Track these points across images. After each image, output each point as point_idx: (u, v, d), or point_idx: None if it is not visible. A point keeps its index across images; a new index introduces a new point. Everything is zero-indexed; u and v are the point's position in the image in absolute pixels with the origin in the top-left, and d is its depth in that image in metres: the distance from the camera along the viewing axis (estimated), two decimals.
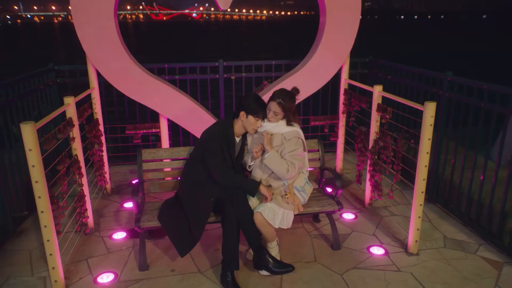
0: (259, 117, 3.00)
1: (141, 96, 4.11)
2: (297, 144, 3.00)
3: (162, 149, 3.40)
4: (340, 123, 4.70)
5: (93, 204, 4.06)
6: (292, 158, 2.96)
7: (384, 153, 3.65)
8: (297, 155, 2.98)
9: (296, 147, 2.99)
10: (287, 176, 2.95)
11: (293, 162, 2.95)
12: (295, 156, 2.97)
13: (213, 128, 3.06)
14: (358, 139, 4.17)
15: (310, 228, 3.72)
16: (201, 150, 3.02)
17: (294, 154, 2.98)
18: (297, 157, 2.98)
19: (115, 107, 5.11)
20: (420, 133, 3.01)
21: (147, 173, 3.39)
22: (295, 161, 2.96)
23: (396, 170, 3.49)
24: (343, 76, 4.55)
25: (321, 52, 4.28)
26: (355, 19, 4.15)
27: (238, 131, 3.08)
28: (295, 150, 2.98)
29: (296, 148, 2.99)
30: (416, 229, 3.20)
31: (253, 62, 5.23)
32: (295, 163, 2.96)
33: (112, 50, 3.86)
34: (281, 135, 3.03)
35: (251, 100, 3.00)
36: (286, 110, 2.97)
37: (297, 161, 2.97)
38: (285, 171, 2.93)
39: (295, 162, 2.96)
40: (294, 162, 2.96)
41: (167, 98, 4.16)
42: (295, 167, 2.96)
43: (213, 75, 5.15)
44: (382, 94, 3.70)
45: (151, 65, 4.91)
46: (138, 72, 4.01)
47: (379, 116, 3.76)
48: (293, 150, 2.98)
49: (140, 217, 3.08)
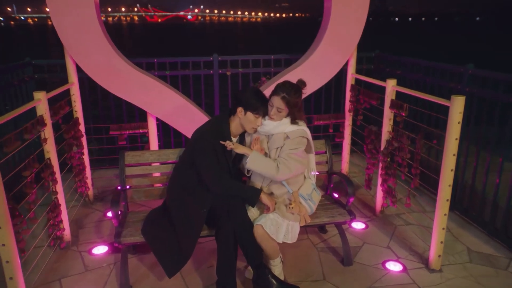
0: (260, 114, 2.59)
1: (126, 92, 3.68)
2: (299, 143, 2.59)
3: (148, 152, 2.97)
4: (346, 122, 4.30)
5: (71, 214, 3.63)
6: (288, 157, 2.55)
7: (399, 155, 3.24)
8: (295, 155, 2.56)
9: (297, 146, 2.58)
10: (279, 176, 2.52)
11: (286, 160, 2.54)
12: (292, 156, 2.55)
13: (206, 127, 2.64)
14: (368, 139, 3.77)
15: (316, 240, 3.30)
16: (191, 152, 2.60)
17: (292, 153, 2.56)
18: (294, 157, 2.56)
19: (100, 105, 4.67)
20: (446, 132, 2.61)
21: (130, 179, 2.96)
22: (291, 161, 2.54)
23: (414, 174, 3.08)
24: (350, 70, 4.15)
25: (326, 44, 3.87)
26: (364, 4, 3.74)
27: (235, 130, 2.67)
28: (295, 149, 2.57)
29: (297, 147, 2.57)
30: (440, 242, 2.79)
31: (250, 57, 4.81)
32: (289, 162, 2.54)
33: (93, 40, 3.43)
34: (284, 134, 2.61)
35: (250, 94, 2.58)
36: (291, 106, 2.56)
37: (293, 161, 2.54)
38: (273, 170, 2.51)
39: (291, 161, 2.54)
40: (288, 160, 2.54)
41: (155, 94, 3.73)
42: (289, 167, 2.53)
43: (207, 71, 4.74)
44: (396, 89, 3.30)
45: (139, 60, 4.49)
46: (123, 66, 3.58)
47: (392, 113, 3.36)
48: (291, 149, 2.57)
49: (121, 230, 2.64)
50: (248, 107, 2.57)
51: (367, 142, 3.79)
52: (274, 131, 2.60)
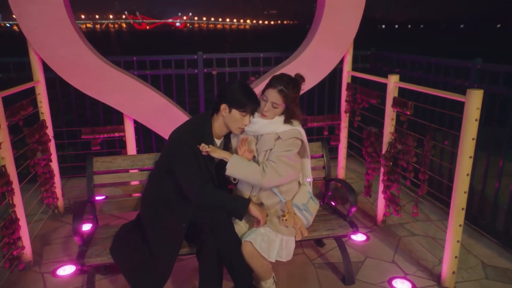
0: (247, 112, 2.23)
1: (99, 91, 3.29)
2: (291, 145, 2.24)
3: (121, 157, 2.58)
4: (342, 124, 3.97)
5: (35, 229, 3.21)
6: (277, 160, 2.19)
7: (404, 159, 2.91)
8: (286, 158, 2.21)
9: (289, 148, 2.22)
10: (265, 181, 2.16)
11: (275, 163, 2.17)
12: (283, 159, 2.19)
13: (185, 127, 2.27)
14: (367, 142, 3.43)
15: (312, 255, 2.94)
16: (168, 156, 2.23)
17: (283, 155, 2.20)
18: (284, 160, 2.20)
19: (73, 106, 4.27)
20: (460, 131, 2.29)
21: (99, 188, 2.57)
22: (280, 164, 2.18)
23: (422, 180, 2.75)
24: (346, 68, 3.83)
25: (319, 39, 3.54)
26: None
27: (219, 130, 2.31)
28: (286, 151, 2.21)
29: (288, 150, 2.22)
30: (454, 256, 2.46)
31: (238, 55, 4.47)
32: (278, 165, 2.17)
33: (60, 33, 3.05)
34: (275, 135, 2.26)
35: (236, 88, 2.23)
36: (289, 101, 2.21)
37: (283, 165, 2.18)
38: (258, 175, 2.15)
39: (280, 165, 2.18)
40: (276, 164, 2.18)
41: (132, 94, 3.35)
42: (278, 171, 2.17)
43: (191, 70, 4.38)
44: (400, 85, 2.98)
45: (116, 58, 4.10)
46: (94, 61, 3.20)
47: (395, 113, 3.04)
48: (282, 151, 2.21)
49: (86, 250, 2.25)
50: (233, 104, 2.21)
51: (366, 145, 3.45)
52: (264, 130, 2.25)
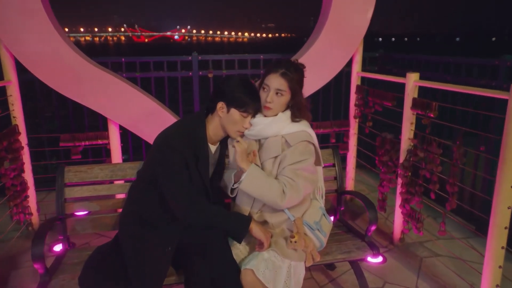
0: (248, 112, 1.86)
1: (80, 93, 2.91)
2: (305, 152, 1.86)
3: (98, 166, 2.19)
4: (351, 130, 3.59)
5: (1, 250, 2.80)
6: (294, 175, 1.82)
7: (427, 168, 2.53)
8: (304, 170, 1.84)
9: (303, 158, 1.84)
10: (284, 203, 1.79)
11: (293, 181, 1.81)
12: (300, 172, 1.82)
13: (173, 129, 1.89)
14: (381, 150, 3.06)
15: (322, 279, 2.54)
16: (153, 165, 1.85)
17: (299, 168, 1.83)
18: (302, 174, 1.83)
19: (55, 110, 3.88)
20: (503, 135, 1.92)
21: (71, 204, 2.16)
22: (299, 180, 1.81)
23: (451, 193, 2.36)
24: (355, 68, 3.47)
25: (326, 36, 3.20)
26: None
27: (214, 134, 1.93)
28: (301, 162, 1.84)
29: (303, 159, 1.84)
30: (495, 285, 2.05)
31: (236, 56, 4.12)
32: (298, 183, 1.81)
33: (35, 27, 2.69)
34: (281, 139, 1.88)
35: (236, 84, 1.86)
36: (295, 87, 1.86)
37: (302, 181, 1.82)
38: (277, 196, 1.78)
39: (299, 181, 1.81)
40: (295, 181, 1.81)
41: (117, 96, 2.98)
42: (299, 190, 1.80)
43: (185, 72, 4.01)
44: (420, 84, 2.62)
45: (103, 59, 3.75)
46: (74, 59, 2.83)
47: (414, 116, 2.67)
48: (297, 162, 1.83)
49: (49, 280, 1.84)
50: (232, 102, 1.84)
51: (380, 153, 3.08)
52: (267, 132, 1.87)
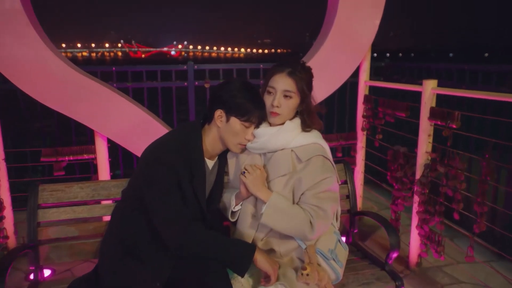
0: (251, 121, 1.60)
1: (63, 103, 2.64)
2: (324, 169, 1.59)
3: (77, 184, 1.90)
4: (358, 143, 3.33)
5: None
6: (319, 200, 1.54)
7: (449, 185, 2.27)
8: (329, 191, 1.57)
9: (324, 176, 1.57)
10: (314, 235, 1.53)
11: (318, 207, 1.53)
12: (323, 195, 1.55)
13: (164, 142, 1.62)
14: (394, 165, 2.80)
15: None
16: (140, 183, 1.57)
17: (322, 190, 1.56)
18: (326, 196, 1.56)
19: (39, 121, 3.60)
20: None
21: (45, 228, 1.87)
22: (326, 204, 1.54)
23: (480, 214, 2.10)
24: (363, 77, 3.24)
25: (332, 42, 2.97)
26: None
27: (212, 147, 1.66)
28: (323, 182, 1.56)
29: (324, 178, 1.57)
30: None
31: (234, 65, 3.88)
32: (324, 208, 1.54)
33: (14, 29, 2.44)
34: (291, 153, 1.62)
35: (237, 88, 1.60)
36: (304, 88, 1.60)
37: (328, 204, 1.55)
38: (305, 228, 1.52)
39: (327, 205, 1.54)
40: (322, 207, 1.54)
41: (104, 105, 2.72)
42: (327, 216, 1.54)
43: (180, 83, 3.76)
44: (439, 92, 2.38)
45: (92, 68, 3.51)
46: (57, 64, 2.57)
47: (432, 127, 2.43)
48: (317, 184, 1.56)
49: None
50: (232, 110, 1.58)
51: (393, 168, 2.82)
52: (273, 144, 1.61)
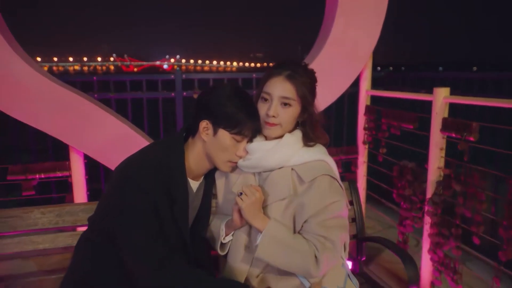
0: (243, 134, 1.34)
1: (33, 114, 2.37)
2: (331, 192, 1.32)
3: (38, 209, 1.61)
4: (360, 158, 3.09)
5: None
6: (325, 230, 1.28)
7: (466, 206, 2.02)
8: (336, 217, 1.31)
9: (332, 200, 1.30)
10: (319, 272, 1.27)
11: (329, 240, 1.27)
12: (330, 222, 1.29)
13: (138, 159, 1.35)
14: (401, 182, 2.55)
15: None
16: (108, 210, 1.29)
17: (329, 217, 1.29)
18: (334, 224, 1.30)
19: (14, 134, 3.30)
20: None
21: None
22: (332, 235, 1.28)
23: (506, 240, 1.84)
24: (364, 86, 3.01)
25: (330, 49, 2.76)
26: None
27: (196, 165, 1.39)
28: (330, 207, 1.30)
29: (332, 202, 1.30)
30: None
31: (225, 75, 3.65)
32: (332, 239, 1.27)
33: None
34: (291, 172, 1.35)
35: (226, 95, 1.34)
36: (305, 95, 1.34)
37: (336, 233, 1.29)
38: (309, 264, 1.25)
39: (332, 236, 1.28)
40: (329, 238, 1.27)
41: (80, 117, 2.45)
42: (334, 248, 1.28)
43: (167, 93, 3.49)
44: (451, 101, 2.15)
45: (72, 78, 3.24)
46: (27, 72, 2.30)
47: (445, 140, 2.19)
48: (323, 210, 1.29)
49: None
50: (220, 120, 1.32)
51: (400, 185, 2.56)
52: (270, 161, 1.34)
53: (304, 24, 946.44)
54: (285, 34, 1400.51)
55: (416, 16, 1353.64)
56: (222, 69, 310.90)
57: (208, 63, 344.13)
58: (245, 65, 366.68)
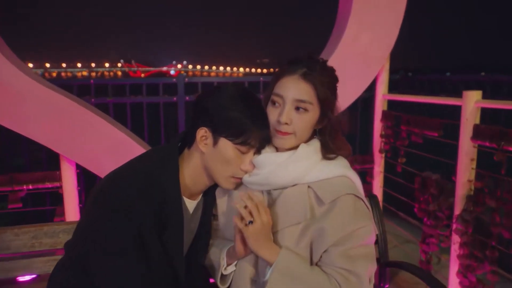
0: (249, 144, 1.12)
1: (20, 120, 2.17)
2: (357, 215, 1.09)
3: (11, 230, 1.39)
4: (376, 168, 2.85)
5: None
6: (349, 261, 1.05)
7: (503, 225, 1.77)
8: (362, 246, 1.08)
9: (357, 226, 1.07)
10: None
11: (354, 274, 1.04)
12: (355, 252, 1.06)
13: (124, 175, 1.12)
14: (424, 195, 2.30)
15: None
16: (84, 236, 1.07)
17: (353, 246, 1.06)
18: (360, 253, 1.07)
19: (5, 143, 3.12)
20: None
21: None
22: (357, 266, 1.05)
23: None
24: (380, 90, 2.79)
25: (344, 50, 2.54)
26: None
27: (193, 182, 1.17)
28: (355, 233, 1.07)
29: (358, 228, 1.07)
30: None
31: (230, 79, 3.47)
32: (357, 271, 1.04)
33: None
34: (307, 191, 1.12)
35: (228, 97, 1.13)
36: (325, 97, 1.13)
37: (362, 264, 1.06)
38: None
39: (358, 268, 1.05)
40: (353, 271, 1.04)
41: (76, 126, 2.24)
42: (360, 281, 1.05)
43: (168, 98, 3.29)
44: (484, 106, 1.91)
45: (67, 81, 3.05)
46: (14, 75, 2.10)
47: (476, 149, 1.94)
48: (347, 237, 1.06)
49: None
50: (222, 128, 1.10)
51: (422, 199, 2.32)
52: (281, 178, 1.12)
53: (311, 29, 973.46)
54: (292, 39, 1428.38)
55: (420, 17, 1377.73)
56: (229, 75, 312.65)
57: (215, 69, 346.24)
58: (251, 70, 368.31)
